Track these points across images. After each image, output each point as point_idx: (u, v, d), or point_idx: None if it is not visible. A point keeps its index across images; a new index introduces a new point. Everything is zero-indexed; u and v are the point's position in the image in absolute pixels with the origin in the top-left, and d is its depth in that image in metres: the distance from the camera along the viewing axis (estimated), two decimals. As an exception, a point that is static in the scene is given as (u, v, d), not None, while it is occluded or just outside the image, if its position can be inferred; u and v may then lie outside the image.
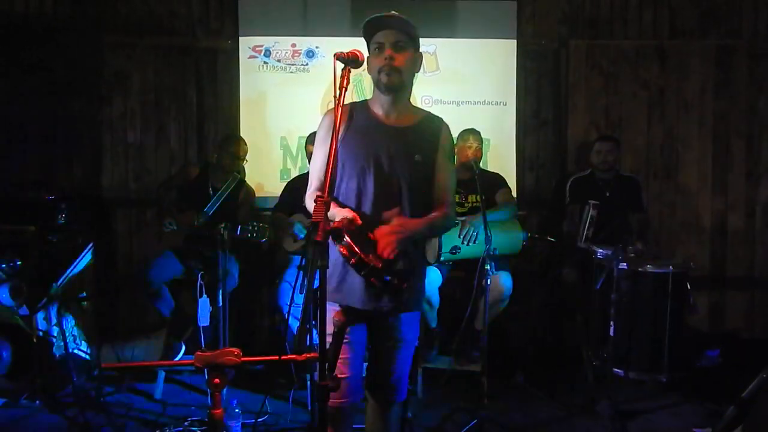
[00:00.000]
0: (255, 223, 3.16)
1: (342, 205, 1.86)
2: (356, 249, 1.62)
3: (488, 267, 2.77)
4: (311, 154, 2.53)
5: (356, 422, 2.07)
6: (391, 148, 1.89)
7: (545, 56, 4.21)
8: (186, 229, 3.44)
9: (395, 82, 1.86)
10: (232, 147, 3.60)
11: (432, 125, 1.98)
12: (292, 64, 4.09)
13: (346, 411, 1.92)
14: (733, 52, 4.15)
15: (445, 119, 2.02)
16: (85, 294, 3.51)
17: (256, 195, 3.85)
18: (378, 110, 1.94)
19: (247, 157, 3.69)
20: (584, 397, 3.24)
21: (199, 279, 3.22)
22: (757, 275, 4.23)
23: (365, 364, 2.05)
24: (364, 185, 1.88)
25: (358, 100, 2.03)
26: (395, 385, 1.97)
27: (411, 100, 2.02)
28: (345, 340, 1.81)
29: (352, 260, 1.64)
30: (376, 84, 1.89)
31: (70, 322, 3.39)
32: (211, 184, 3.60)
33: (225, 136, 3.91)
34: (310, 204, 1.92)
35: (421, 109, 2.07)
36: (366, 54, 1.85)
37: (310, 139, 3.55)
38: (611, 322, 3.06)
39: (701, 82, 4.17)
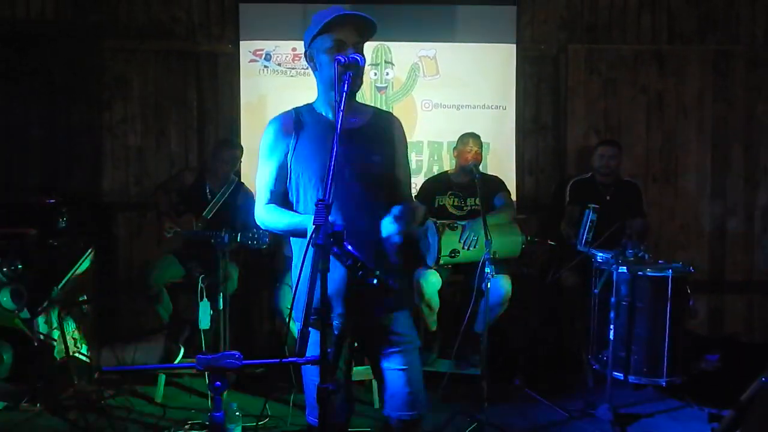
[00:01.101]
0: (255, 230, 3.17)
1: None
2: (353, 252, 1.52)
3: (488, 270, 2.78)
4: None
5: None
6: (347, 153, 1.73)
7: (544, 61, 4.23)
8: (186, 234, 3.45)
9: (359, 84, 1.75)
10: (222, 153, 3.64)
11: (384, 121, 1.89)
12: (293, 68, 4.11)
13: (333, 429, 1.80)
14: (731, 58, 4.18)
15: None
16: (85, 297, 3.52)
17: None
18: (326, 112, 1.82)
19: (241, 162, 3.70)
20: (584, 401, 3.25)
21: (200, 282, 3.23)
22: (756, 279, 4.24)
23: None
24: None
25: (300, 105, 1.90)
26: (411, 397, 1.77)
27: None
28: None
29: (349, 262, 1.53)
30: (332, 85, 1.71)
31: (70, 326, 3.39)
32: (209, 188, 3.62)
33: (219, 141, 3.93)
34: (264, 217, 1.82)
35: (366, 105, 1.95)
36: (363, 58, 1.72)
37: None
38: (611, 326, 3.06)
39: (700, 86, 4.19)
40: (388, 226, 1.66)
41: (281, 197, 1.84)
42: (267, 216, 1.82)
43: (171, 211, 3.57)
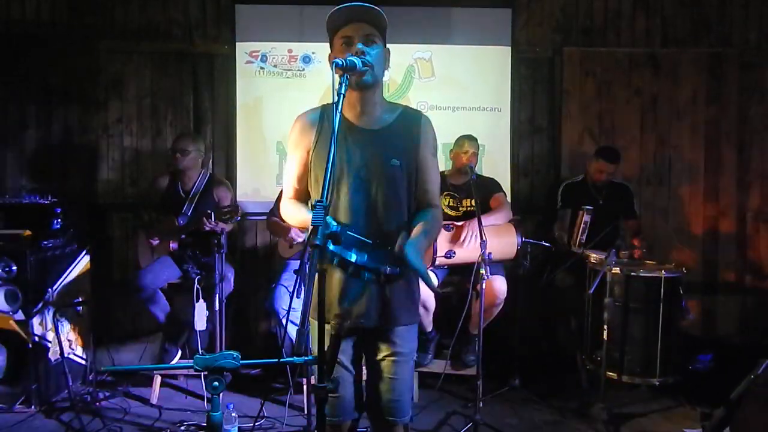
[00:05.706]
0: (226, 207, 3.21)
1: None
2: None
3: (483, 271, 2.79)
4: None
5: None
6: (365, 155, 1.75)
7: (539, 63, 4.25)
8: (174, 234, 3.46)
9: (368, 79, 1.70)
10: (173, 144, 3.64)
11: (410, 122, 1.82)
12: (289, 70, 4.12)
13: (340, 429, 1.84)
14: (724, 61, 4.21)
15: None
16: (80, 299, 3.51)
17: (253, 200, 3.86)
18: (349, 112, 1.79)
19: (201, 154, 3.66)
20: (578, 401, 3.27)
21: (196, 283, 3.23)
22: (749, 280, 4.27)
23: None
24: (339, 197, 1.75)
25: (329, 102, 1.78)
26: (394, 405, 1.82)
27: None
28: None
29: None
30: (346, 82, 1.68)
31: (65, 327, 3.39)
32: (181, 187, 3.63)
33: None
34: (284, 211, 1.86)
35: (397, 104, 1.90)
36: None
37: None
38: (605, 327, 3.09)
39: (693, 89, 4.22)
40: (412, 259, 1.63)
41: (304, 193, 1.86)
42: (286, 210, 1.87)
43: (155, 221, 3.57)
